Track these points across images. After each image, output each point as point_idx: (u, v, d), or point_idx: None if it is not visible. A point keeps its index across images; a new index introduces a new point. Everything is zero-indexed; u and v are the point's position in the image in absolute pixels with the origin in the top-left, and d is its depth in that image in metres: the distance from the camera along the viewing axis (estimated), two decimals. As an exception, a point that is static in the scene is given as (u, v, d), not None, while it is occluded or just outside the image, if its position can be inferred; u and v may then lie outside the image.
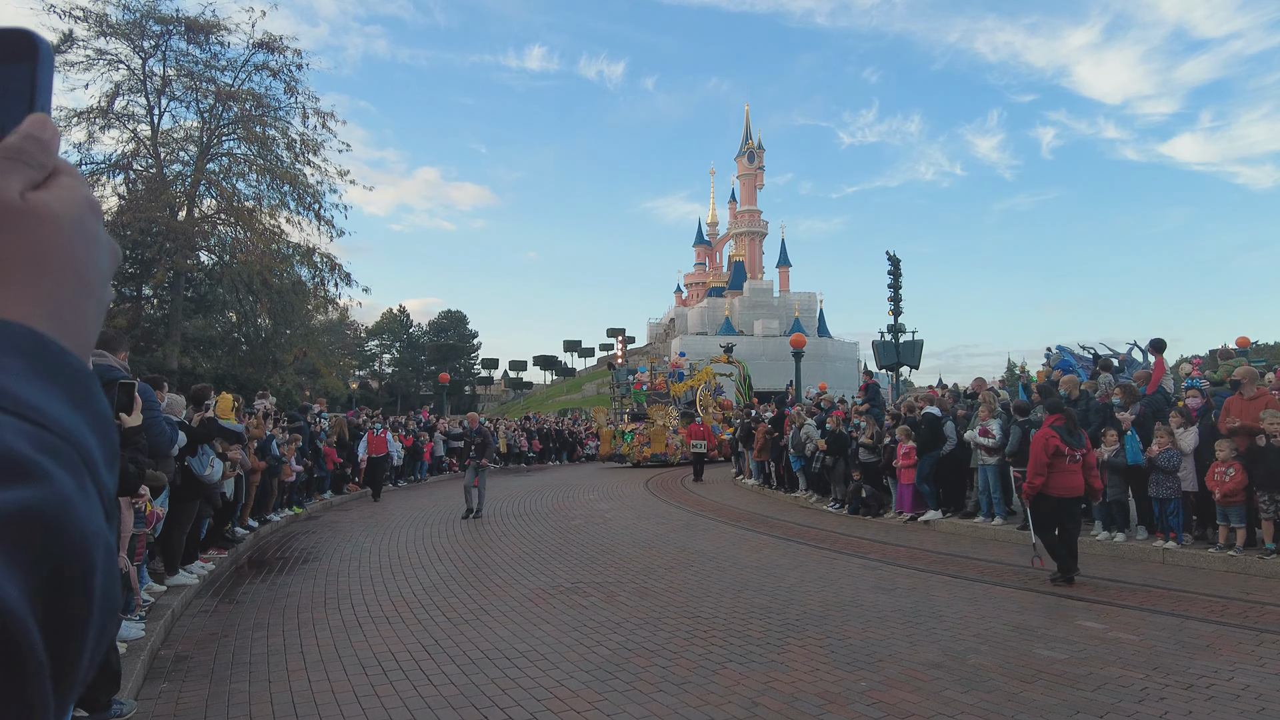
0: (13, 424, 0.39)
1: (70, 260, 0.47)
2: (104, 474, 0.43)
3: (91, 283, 0.48)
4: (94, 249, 0.49)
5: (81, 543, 0.39)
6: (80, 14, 25.81)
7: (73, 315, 0.46)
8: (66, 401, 0.43)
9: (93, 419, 0.44)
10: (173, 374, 23.08)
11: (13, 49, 0.49)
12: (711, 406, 29.49)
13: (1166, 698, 4.75)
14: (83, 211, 0.48)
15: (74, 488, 0.39)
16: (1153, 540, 9.29)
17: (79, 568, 0.38)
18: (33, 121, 0.49)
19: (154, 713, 4.86)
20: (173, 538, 7.79)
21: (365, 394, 61.68)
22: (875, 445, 13.18)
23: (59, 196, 0.47)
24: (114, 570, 0.41)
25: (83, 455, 0.42)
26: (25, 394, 0.41)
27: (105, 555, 0.40)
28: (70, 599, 0.38)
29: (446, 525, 12.79)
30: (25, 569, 0.36)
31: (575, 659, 5.74)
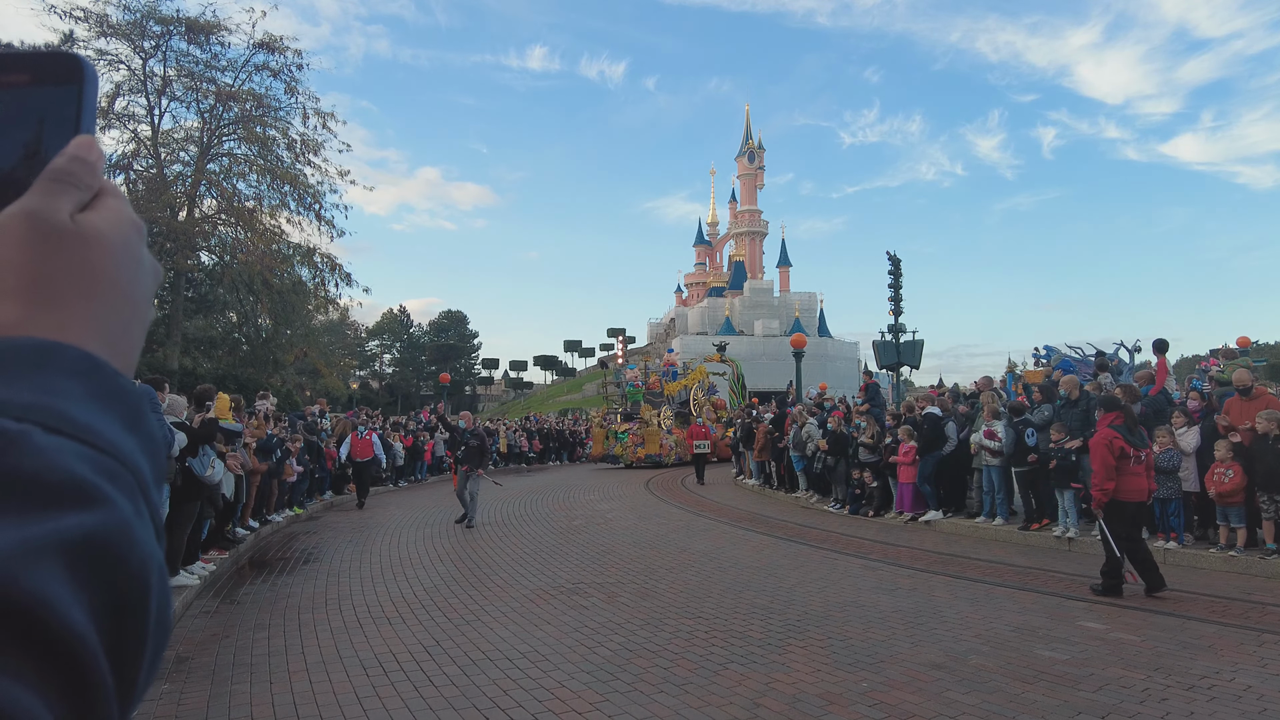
0: (74, 448, 0.39)
1: (118, 282, 0.47)
2: (154, 495, 0.44)
3: (137, 303, 0.49)
4: (139, 270, 0.49)
5: (140, 565, 0.39)
6: (81, 14, 25.87)
7: (121, 337, 0.47)
8: (121, 425, 0.43)
9: (144, 442, 0.45)
10: (173, 374, 23.09)
11: (59, 72, 0.50)
12: (705, 406, 29.06)
13: (1168, 699, 4.75)
14: (128, 232, 0.49)
15: (132, 511, 0.40)
16: (1154, 540, 9.28)
17: (138, 590, 0.39)
18: (79, 144, 0.49)
19: (155, 714, 4.86)
20: (174, 538, 7.79)
21: (366, 394, 61.69)
22: (876, 445, 13.17)
23: (106, 218, 0.48)
24: (167, 591, 0.42)
25: (137, 478, 0.42)
26: (84, 418, 0.41)
27: (159, 576, 0.41)
28: (130, 620, 0.39)
29: (447, 526, 12.78)
30: (90, 592, 0.36)
31: (576, 660, 5.74)
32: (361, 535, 11.89)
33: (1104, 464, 7.21)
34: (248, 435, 10.59)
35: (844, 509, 13.67)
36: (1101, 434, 7.38)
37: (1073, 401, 10.60)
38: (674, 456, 25.92)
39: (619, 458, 26.27)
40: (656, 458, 25.71)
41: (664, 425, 26.48)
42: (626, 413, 28.33)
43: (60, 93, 0.50)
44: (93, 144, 0.50)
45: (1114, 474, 7.20)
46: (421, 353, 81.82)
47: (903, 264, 26.44)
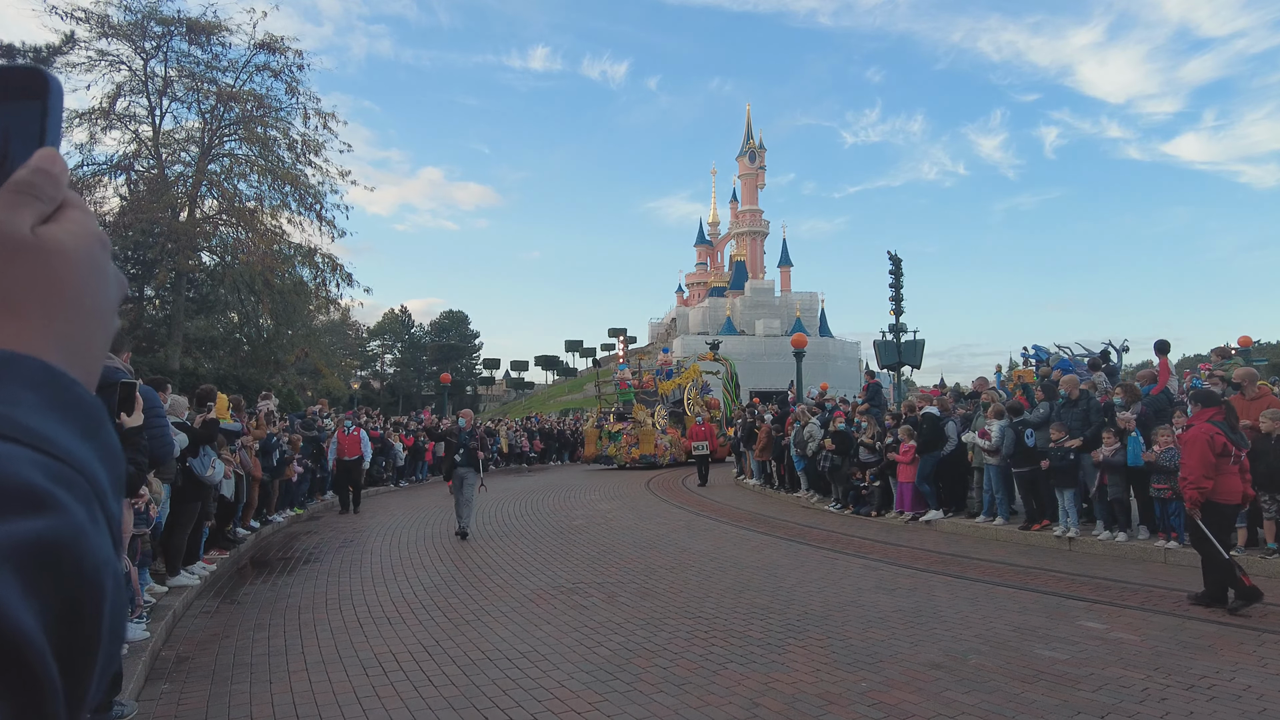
0: (28, 456, 0.40)
1: (80, 294, 0.48)
2: (112, 503, 0.45)
3: (100, 314, 0.49)
4: (102, 281, 0.50)
5: (94, 571, 0.40)
6: (82, 15, 25.87)
7: (82, 347, 0.48)
8: (78, 433, 0.44)
9: (102, 450, 0.45)
10: (175, 374, 23.12)
11: (25, 86, 0.50)
12: (699, 405, 28.47)
13: (1168, 698, 4.75)
14: (92, 245, 0.49)
15: (86, 518, 0.41)
16: (1154, 540, 9.28)
17: (91, 595, 0.40)
18: (42, 155, 0.49)
19: (155, 713, 4.87)
20: (174, 538, 7.80)
21: (367, 394, 61.72)
22: (875, 445, 13.17)
23: (69, 230, 0.48)
24: (122, 597, 0.43)
25: (93, 486, 0.43)
26: (39, 426, 0.42)
27: (114, 582, 0.41)
28: (82, 625, 0.39)
29: (448, 527, 12.78)
30: (41, 597, 0.37)
31: (576, 660, 5.75)
32: (362, 536, 11.90)
33: (1203, 460, 6.64)
34: (249, 438, 10.60)
35: (845, 509, 13.66)
36: (1201, 429, 6.84)
37: (1073, 401, 10.59)
38: (669, 457, 25.50)
39: (613, 458, 25.72)
40: (651, 458, 25.22)
41: (658, 425, 25.97)
42: (619, 412, 27.66)
43: (27, 107, 0.50)
44: (56, 157, 0.50)
45: (1214, 471, 6.67)
46: (423, 353, 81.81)
47: (904, 264, 26.40)
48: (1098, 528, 9.89)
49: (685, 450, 26.06)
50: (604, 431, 26.70)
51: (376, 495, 18.24)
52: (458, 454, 11.55)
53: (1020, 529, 10.67)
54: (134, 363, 19.36)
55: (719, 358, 32.67)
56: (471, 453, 11.52)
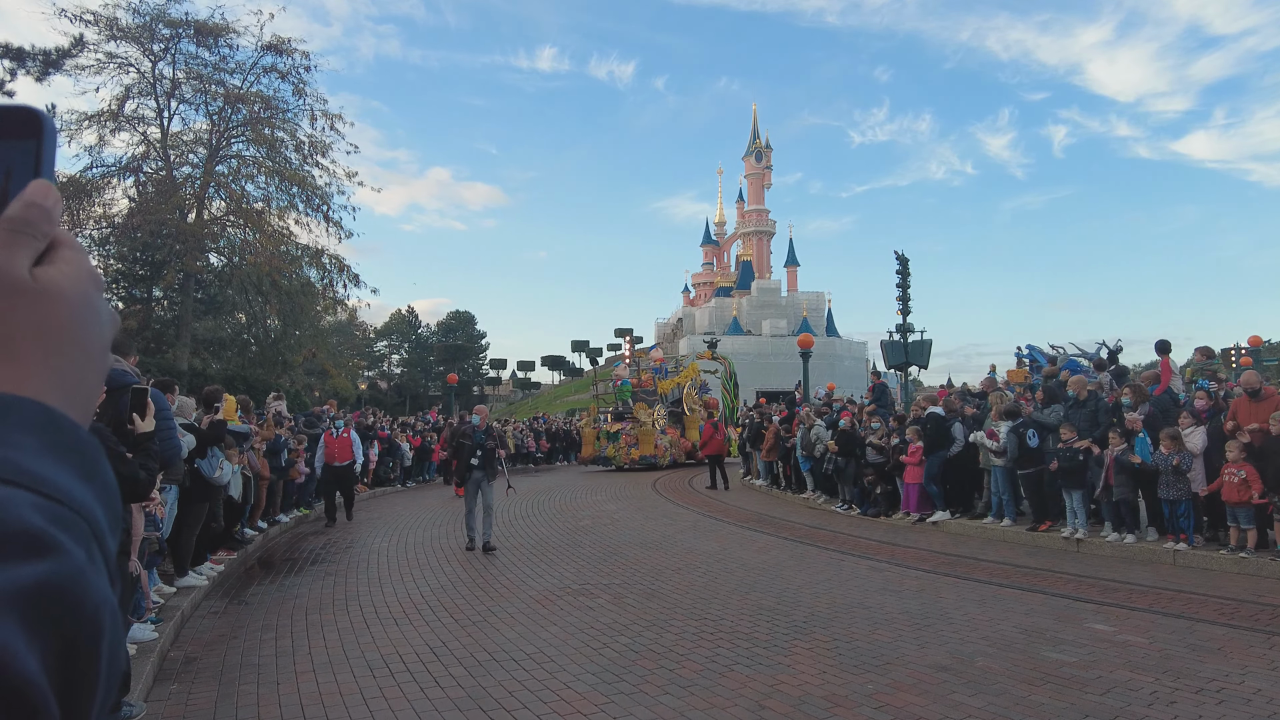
0: (29, 499, 0.41)
1: (77, 336, 0.48)
2: (109, 542, 0.46)
3: (95, 354, 0.50)
4: (97, 322, 0.51)
5: (93, 611, 0.41)
6: (91, 18, 26.05)
7: (79, 388, 0.48)
8: (77, 475, 0.45)
9: (100, 490, 0.46)
10: (183, 375, 23.25)
11: (19, 125, 0.51)
12: (697, 405, 27.71)
13: (1176, 701, 4.72)
14: (86, 286, 0.50)
15: (85, 559, 0.42)
16: (1163, 542, 9.24)
17: (90, 634, 0.41)
18: (36, 189, 0.50)
19: (163, 714, 4.89)
20: (182, 539, 7.83)
21: (374, 394, 61.93)
22: (883, 445, 13.14)
23: (65, 273, 0.49)
24: (119, 633, 0.44)
25: (92, 527, 0.44)
26: (40, 469, 0.43)
27: (111, 620, 0.42)
28: (82, 663, 0.40)
29: (455, 527, 12.81)
30: (44, 639, 0.38)
31: (582, 661, 5.75)
32: (369, 536, 11.93)
33: None
34: (257, 440, 10.64)
35: (851, 510, 13.64)
36: None
37: (1081, 402, 10.55)
38: (669, 458, 24.88)
39: (611, 459, 24.83)
40: (651, 459, 24.44)
41: (658, 425, 25.25)
42: (617, 412, 26.81)
43: (21, 146, 0.51)
44: (50, 190, 0.51)
45: None
46: (429, 353, 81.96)
47: (912, 263, 26.41)
48: (1106, 529, 9.85)
49: (685, 451, 25.72)
50: (602, 432, 25.92)
51: (384, 495, 18.30)
52: (475, 456, 10.24)
53: (1027, 530, 10.63)
54: (142, 364, 19.45)
55: (717, 356, 32.02)
56: (490, 454, 10.35)
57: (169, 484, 7.22)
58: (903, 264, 26.57)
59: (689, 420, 26.58)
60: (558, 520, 13.39)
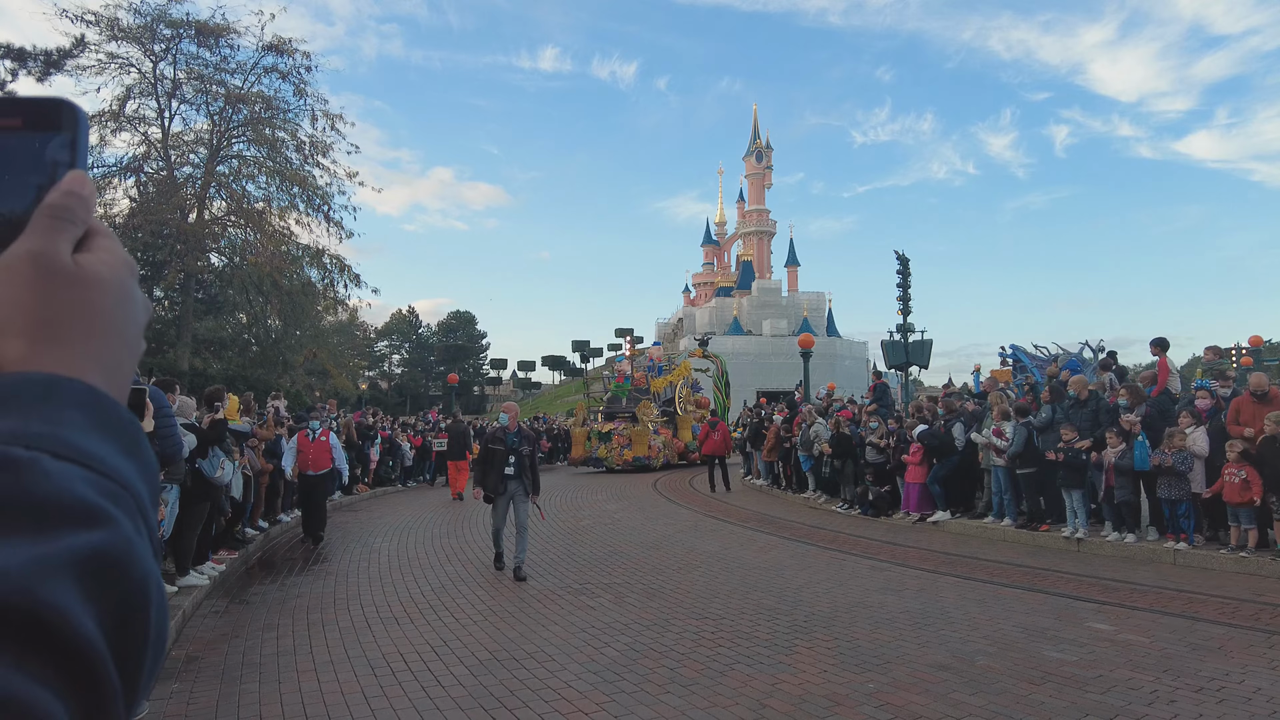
0: (81, 474, 0.43)
1: (115, 320, 0.51)
2: (151, 514, 0.48)
3: (131, 339, 0.53)
4: (133, 307, 0.53)
5: (142, 579, 0.43)
6: (92, 18, 26.07)
7: (118, 370, 0.51)
8: (121, 451, 0.47)
9: (141, 464, 0.49)
10: (184, 375, 23.25)
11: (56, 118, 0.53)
12: (690, 404, 27.18)
13: (1177, 700, 4.73)
14: (123, 273, 0.53)
15: (133, 530, 0.44)
16: (1164, 541, 9.24)
17: (140, 601, 0.43)
18: (73, 179, 0.52)
19: (165, 713, 4.90)
20: (184, 539, 7.84)
21: (375, 394, 61.92)
22: (884, 445, 13.14)
23: (104, 260, 0.52)
24: (164, 602, 0.46)
25: (137, 501, 0.46)
26: (89, 446, 0.45)
27: (158, 589, 0.45)
28: (133, 630, 0.43)
29: (455, 526, 12.82)
30: (98, 604, 0.40)
31: (583, 660, 5.76)
32: (370, 536, 11.93)
33: None
34: (256, 440, 10.65)
35: (852, 509, 13.64)
36: None
37: (1082, 402, 10.55)
38: (662, 459, 24.19)
39: (603, 460, 23.85)
40: (645, 460, 23.60)
41: (651, 425, 24.50)
42: (608, 411, 26.01)
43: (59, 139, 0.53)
44: (85, 180, 0.53)
45: None
46: (430, 353, 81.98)
47: (913, 263, 26.44)
48: (1106, 529, 9.85)
49: (678, 452, 25.19)
50: (593, 432, 24.84)
51: (385, 495, 18.30)
52: (508, 464, 8.69)
53: (1025, 529, 10.62)
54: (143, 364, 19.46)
55: (708, 354, 31.24)
56: (524, 461, 8.79)
57: (170, 483, 7.23)
58: (903, 264, 26.58)
59: (681, 420, 26.04)
60: (558, 520, 13.39)
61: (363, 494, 17.51)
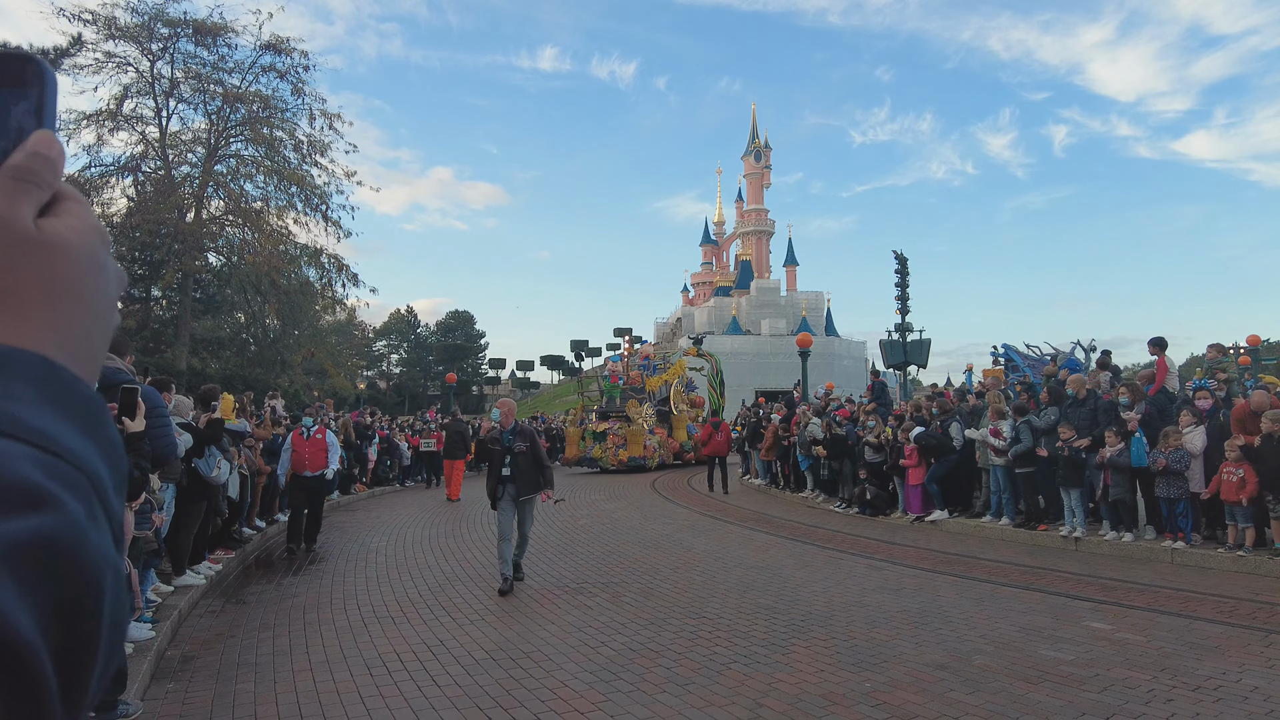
0: (26, 452, 0.40)
1: (81, 290, 0.47)
2: (113, 500, 0.44)
3: (100, 310, 0.49)
4: (103, 277, 0.49)
5: (93, 569, 0.40)
6: (89, 17, 26.07)
7: (83, 343, 0.47)
8: (78, 429, 0.44)
9: (103, 445, 0.45)
10: (181, 375, 23.23)
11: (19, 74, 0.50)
12: (684, 404, 26.54)
13: (1174, 699, 4.72)
14: (92, 240, 0.49)
15: (85, 515, 0.40)
16: (1161, 540, 9.24)
17: (90, 593, 0.39)
18: (39, 139, 0.48)
19: (160, 713, 4.89)
20: (180, 538, 7.82)
21: (373, 394, 61.89)
22: (882, 445, 13.13)
23: (71, 225, 0.48)
24: (123, 595, 0.42)
25: (94, 482, 0.43)
26: (38, 422, 0.41)
27: (115, 580, 0.41)
28: (81, 623, 0.39)
29: (453, 525, 12.82)
30: (38, 595, 0.37)
31: (579, 659, 5.75)
32: (367, 535, 11.92)
33: None
34: (252, 438, 10.63)
35: (850, 509, 13.64)
36: None
37: (1080, 401, 10.54)
38: (658, 459, 23.78)
39: (597, 460, 23.40)
40: (640, 460, 23.17)
41: (646, 424, 24.00)
42: (603, 411, 25.42)
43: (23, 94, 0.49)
44: (52, 140, 0.49)
45: None
46: (429, 353, 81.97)
47: (912, 263, 26.51)
48: (1104, 528, 9.85)
49: (673, 452, 24.82)
50: (587, 432, 24.39)
51: (383, 495, 18.29)
52: (504, 465, 8.10)
53: (1021, 528, 10.62)
54: (141, 363, 19.45)
55: (702, 353, 30.73)
56: (524, 460, 8.11)
57: (167, 483, 7.22)
58: (901, 263, 26.63)
59: (676, 419, 25.65)
60: (555, 519, 13.37)
61: (360, 494, 17.50)
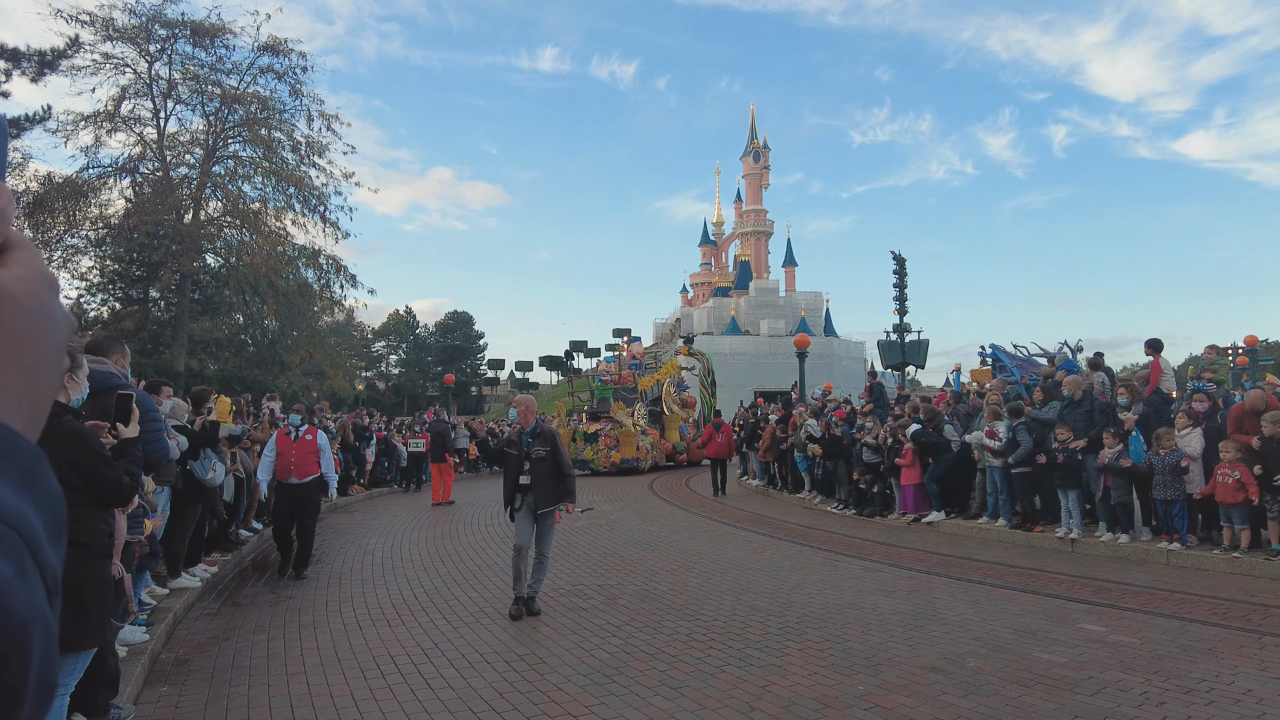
0: None
1: (28, 341, 0.47)
2: (48, 554, 0.44)
3: (47, 359, 0.49)
4: (51, 326, 0.49)
5: (18, 628, 0.39)
6: (87, 18, 26.02)
7: (27, 394, 0.47)
8: (12, 484, 0.43)
9: (39, 499, 0.45)
10: (179, 376, 23.22)
11: None
12: (676, 404, 26.20)
13: (1166, 702, 4.72)
14: (40, 289, 0.49)
15: (13, 573, 0.40)
16: (1157, 542, 9.24)
17: (14, 652, 0.39)
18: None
19: (152, 716, 4.89)
20: (175, 541, 7.82)
21: (372, 395, 61.91)
22: (879, 446, 13.13)
23: (18, 276, 0.48)
24: (52, 651, 0.42)
25: (25, 538, 0.42)
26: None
27: (44, 637, 0.41)
28: (5, 679, 0.39)
29: (449, 528, 12.81)
30: None
31: (574, 662, 5.75)
32: (363, 538, 11.92)
33: None
34: (252, 440, 10.63)
35: (847, 510, 13.64)
36: None
37: (1076, 402, 10.55)
38: (650, 461, 23.53)
39: (589, 462, 22.95)
40: (633, 462, 22.86)
41: (638, 425, 23.69)
42: (593, 411, 24.93)
43: None
44: (2, 189, 0.50)
45: None
46: (427, 354, 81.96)
47: (912, 263, 26.58)
48: (1100, 529, 9.85)
49: (665, 453, 24.62)
50: (578, 433, 23.71)
51: (380, 496, 18.28)
52: (522, 470, 7.19)
53: (1017, 529, 10.62)
54: (138, 364, 19.44)
55: (693, 352, 30.25)
56: (539, 466, 7.17)
57: (161, 485, 7.21)
58: (900, 264, 26.63)
59: (669, 420, 25.37)
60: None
61: (358, 495, 17.49)
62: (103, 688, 4.42)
